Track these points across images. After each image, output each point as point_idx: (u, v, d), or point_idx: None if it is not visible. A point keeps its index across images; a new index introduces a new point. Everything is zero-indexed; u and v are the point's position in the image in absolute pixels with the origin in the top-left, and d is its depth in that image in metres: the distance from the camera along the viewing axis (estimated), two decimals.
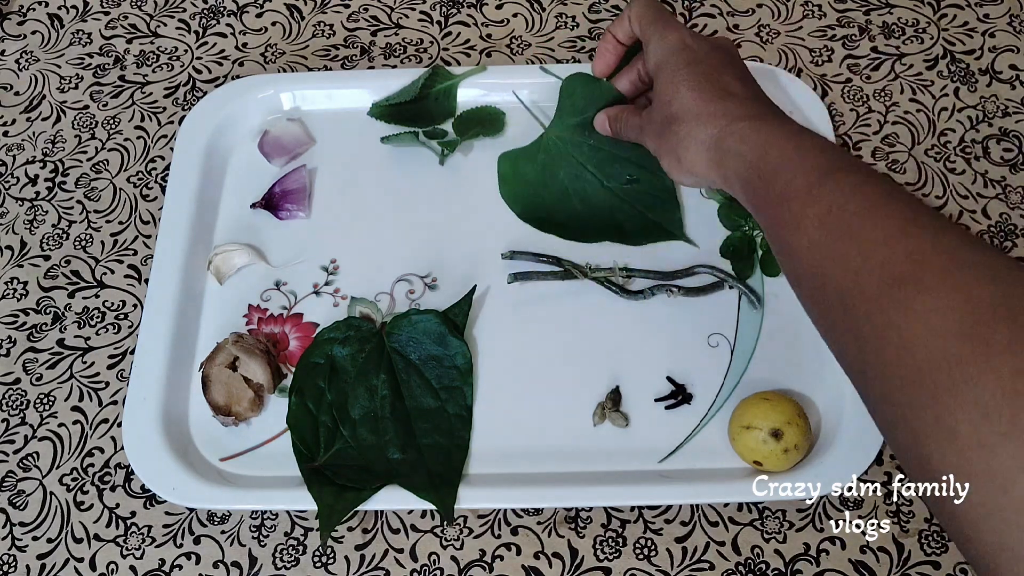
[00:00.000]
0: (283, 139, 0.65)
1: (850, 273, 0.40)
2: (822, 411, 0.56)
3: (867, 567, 0.53)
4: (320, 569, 0.54)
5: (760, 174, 0.47)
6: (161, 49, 0.72)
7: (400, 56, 0.71)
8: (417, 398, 0.56)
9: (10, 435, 0.58)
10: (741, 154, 0.48)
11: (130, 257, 0.64)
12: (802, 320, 0.58)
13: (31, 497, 0.57)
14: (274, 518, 0.55)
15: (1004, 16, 0.71)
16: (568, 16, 0.73)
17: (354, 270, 0.62)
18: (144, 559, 0.54)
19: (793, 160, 0.46)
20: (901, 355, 0.37)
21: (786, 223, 0.45)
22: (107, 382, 0.60)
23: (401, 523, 0.55)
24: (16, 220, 0.66)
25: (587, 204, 0.61)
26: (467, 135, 0.65)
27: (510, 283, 0.60)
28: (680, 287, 0.60)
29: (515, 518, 0.55)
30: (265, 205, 0.64)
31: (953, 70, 0.69)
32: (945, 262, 0.38)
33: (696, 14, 0.72)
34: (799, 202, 0.44)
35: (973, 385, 0.33)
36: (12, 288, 0.63)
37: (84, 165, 0.67)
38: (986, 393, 0.33)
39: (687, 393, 0.57)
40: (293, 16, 0.73)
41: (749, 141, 0.48)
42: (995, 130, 0.67)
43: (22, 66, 0.72)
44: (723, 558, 0.53)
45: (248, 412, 0.56)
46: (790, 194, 0.45)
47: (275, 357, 0.58)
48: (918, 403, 0.36)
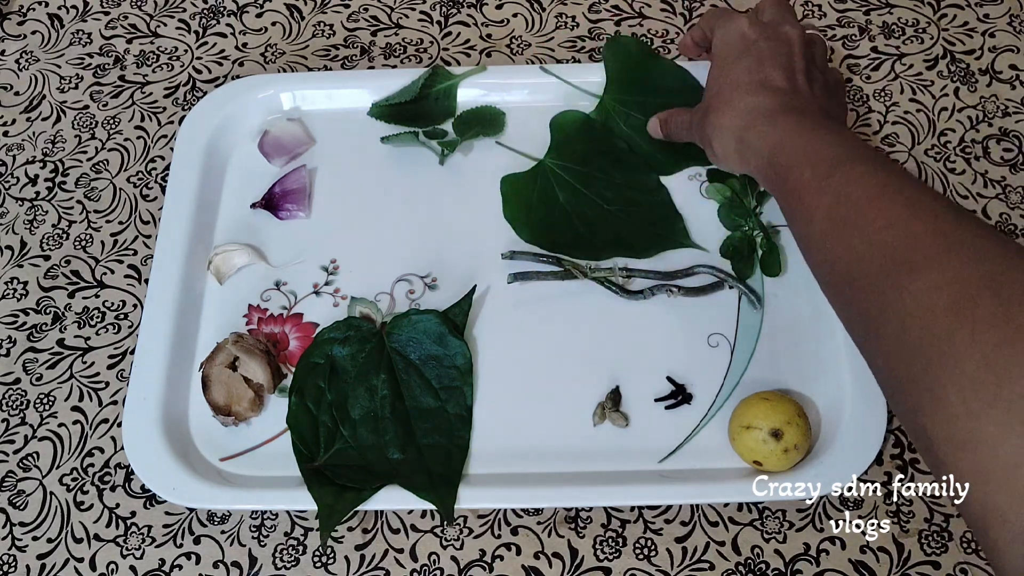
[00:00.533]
0: (283, 139, 0.65)
1: (855, 259, 0.43)
2: (822, 411, 0.56)
3: (867, 567, 0.53)
4: (320, 569, 0.54)
5: (776, 169, 0.50)
6: (161, 49, 0.72)
7: (400, 56, 0.71)
8: (417, 398, 0.56)
9: (10, 435, 0.58)
10: (759, 149, 0.51)
11: (130, 257, 0.64)
12: (802, 320, 0.59)
13: (31, 497, 0.57)
14: (274, 518, 0.55)
15: (1004, 16, 0.71)
16: (568, 16, 0.73)
17: (354, 270, 0.62)
18: (144, 559, 0.54)
19: (805, 154, 0.48)
20: (899, 333, 0.39)
21: (799, 215, 0.47)
22: (107, 382, 0.60)
23: (401, 523, 0.55)
24: (16, 220, 0.66)
25: (591, 226, 0.61)
26: (467, 135, 0.65)
27: (510, 283, 0.60)
28: (680, 287, 0.60)
29: (515, 518, 0.55)
30: (265, 205, 0.64)
31: (953, 70, 0.69)
32: (940, 244, 0.40)
33: (696, 14, 0.72)
34: (809, 195, 0.47)
35: (960, 358, 0.36)
36: (12, 288, 0.63)
37: (84, 165, 0.67)
38: (971, 365, 0.35)
39: (687, 393, 0.57)
40: (293, 16, 0.73)
41: (766, 136, 0.51)
42: (995, 130, 0.67)
43: (22, 66, 0.72)
44: (723, 558, 0.53)
45: (248, 412, 0.56)
46: (801, 187, 0.47)
47: (275, 357, 0.58)
48: (914, 377, 0.38)
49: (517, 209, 0.62)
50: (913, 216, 0.42)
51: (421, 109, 0.66)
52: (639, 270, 0.60)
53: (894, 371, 0.40)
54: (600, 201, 0.62)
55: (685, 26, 0.71)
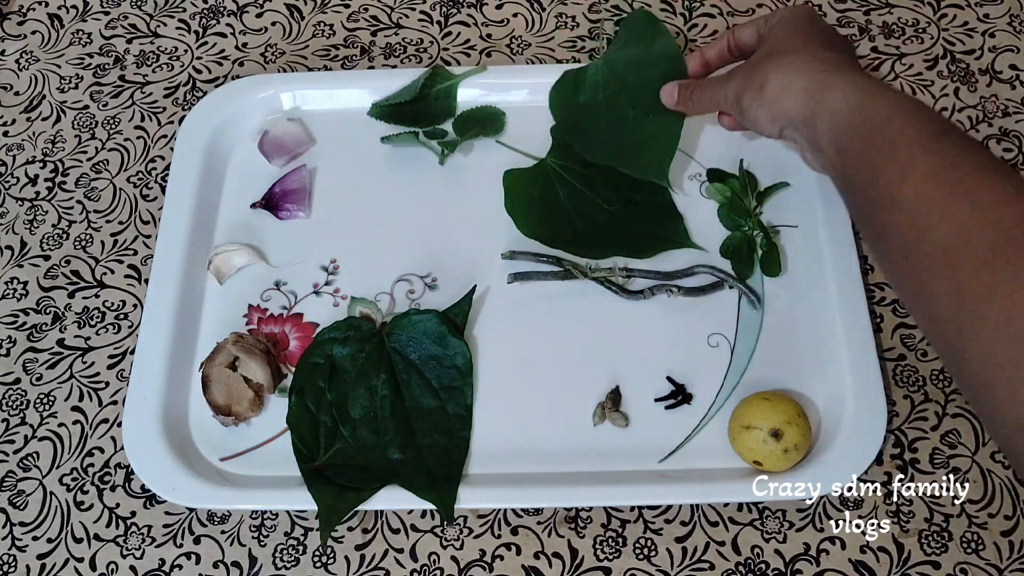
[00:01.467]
0: (283, 139, 0.65)
1: (960, 230, 0.40)
2: (822, 411, 0.56)
3: (867, 567, 0.53)
4: (320, 569, 0.54)
5: (865, 118, 0.46)
6: (161, 49, 0.72)
7: (400, 56, 0.71)
8: (417, 398, 0.56)
9: (10, 435, 0.58)
10: (846, 96, 0.47)
11: (130, 257, 0.64)
12: (802, 320, 0.59)
13: (31, 497, 0.57)
14: (274, 518, 0.55)
15: (1004, 16, 0.71)
16: (568, 16, 0.73)
17: (354, 270, 0.62)
18: (144, 559, 0.54)
19: (907, 112, 0.45)
20: (1008, 315, 0.37)
21: (891, 172, 0.44)
22: (107, 382, 0.60)
23: (401, 523, 0.55)
24: (16, 220, 0.66)
25: (591, 224, 0.61)
26: (467, 135, 0.65)
27: (510, 283, 0.60)
28: (680, 287, 0.59)
29: (515, 518, 0.55)
30: (265, 205, 0.64)
31: (953, 70, 0.69)
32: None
33: (696, 14, 0.72)
34: (909, 152, 0.43)
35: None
36: (12, 288, 0.63)
37: (84, 165, 0.67)
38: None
39: (687, 393, 0.57)
40: (293, 16, 0.73)
41: (859, 85, 0.47)
42: (995, 130, 0.67)
43: (22, 66, 0.72)
44: (723, 558, 0.53)
45: (248, 412, 0.56)
46: (900, 143, 0.44)
47: (275, 357, 0.58)
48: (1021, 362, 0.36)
49: (519, 203, 0.62)
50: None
51: (421, 109, 0.66)
52: (639, 270, 0.60)
53: (995, 356, 0.37)
54: (600, 201, 0.62)
55: (685, 26, 0.72)
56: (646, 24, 0.63)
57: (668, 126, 0.59)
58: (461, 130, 0.65)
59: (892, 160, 0.44)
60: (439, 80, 0.66)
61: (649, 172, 0.60)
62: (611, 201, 0.62)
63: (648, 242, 0.61)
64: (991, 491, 0.54)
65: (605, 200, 0.62)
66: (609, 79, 0.62)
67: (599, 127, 0.62)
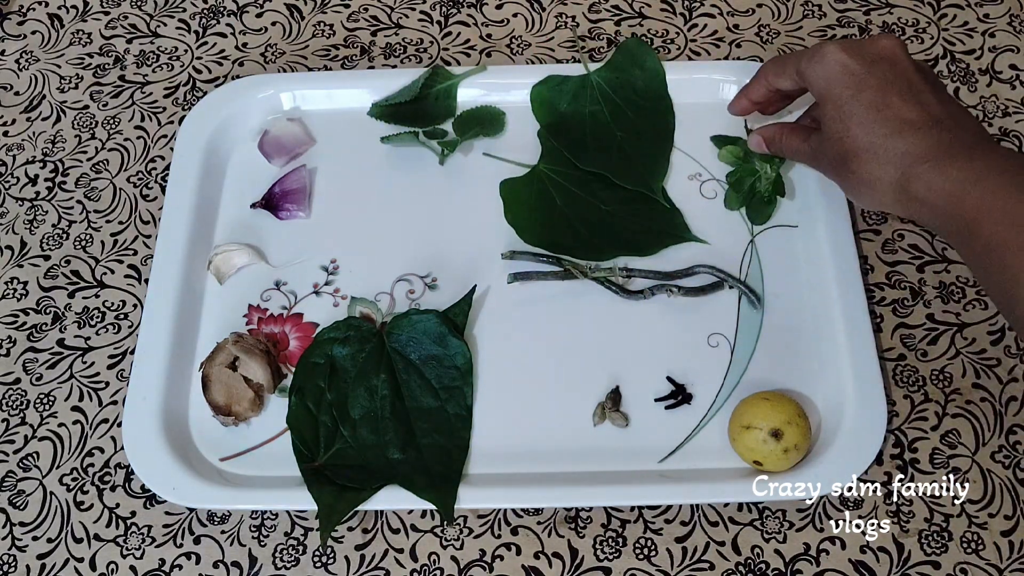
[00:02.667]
0: (283, 139, 0.65)
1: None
2: (822, 411, 0.56)
3: (867, 567, 0.53)
4: (320, 569, 0.54)
5: (957, 225, 0.46)
6: (161, 49, 0.72)
7: (400, 56, 0.71)
8: (417, 398, 0.56)
9: (10, 435, 0.58)
10: (929, 202, 0.47)
11: (130, 257, 0.64)
12: (802, 320, 0.59)
13: (31, 497, 0.57)
14: (274, 518, 0.55)
15: (1004, 16, 0.71)
16: (568, 16, 0.73)
17: (354, 270, 0.62)
18: (144, 559, 0.54)
19: (993, 207, 0.44)
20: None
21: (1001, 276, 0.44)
22: (107, 382, 0.60)
23: (401, 523, 0.55)
24: (16, 220, 0.66)
25: (591, 226, 0.61)
26: (467, 135, 0.65)
27: (510, 283, 0.60)
28: (680, 287, 0.59)
29: (515, 518, 0.55)
30: (265, 205, 0.64)
31: (953, 70, 0.69)
32: None
33: (696, 14, 0.72)
34: (1011, 254, 0.43)
35: None
36: (12, 288, 0.63)
37: (84, 165, 0.67)
38: None
39: (687, 393, 0.57)
40: (293, 16, 0.73)
41: (935, 188, 0.46)
42: (995, 130, 0.67)
43: (22, 66, 0.72)
44: (723, 558, 0.53)
45: (248, 412, 0.56)
46: (999, 245, 0.44)
47: (275, 357, 0.58)
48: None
49: (518, 213, 0.62)
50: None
51: (421, 109, 0.66)
52: (639, 270, 0.60)
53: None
54: (597, 202, 0.62)
55: (685, 26, 0.72)
56: (637, 50, 0.66)
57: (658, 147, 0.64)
58: (461, 130, 0.65)
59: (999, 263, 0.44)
60: (439, 80, 0.66)
61: (640, 185, 0.62)
62: (607, 201, 0.62)
63: (649, 239, 0.61)
64: (991, 491, 0.54)
65: (601, 200, 0.62)
66: (595, 95, 0.65)
67: (585, 137, 0.64)
